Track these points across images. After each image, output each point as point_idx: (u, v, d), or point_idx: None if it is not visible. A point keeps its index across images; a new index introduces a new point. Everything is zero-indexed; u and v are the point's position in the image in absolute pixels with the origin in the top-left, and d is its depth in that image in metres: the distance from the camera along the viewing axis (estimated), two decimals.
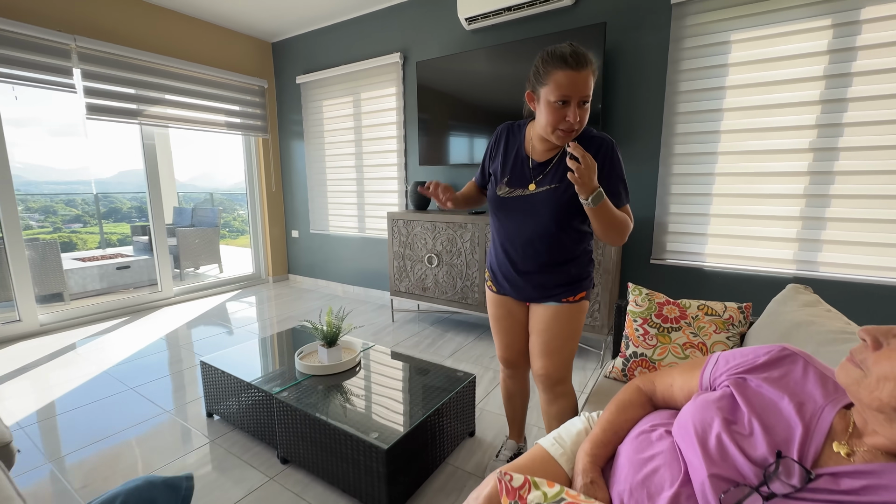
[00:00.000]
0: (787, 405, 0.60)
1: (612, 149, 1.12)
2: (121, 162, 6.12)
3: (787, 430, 0.58)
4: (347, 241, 4.02)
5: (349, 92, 3.69)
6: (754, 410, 0.62)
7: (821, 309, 1.10)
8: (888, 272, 2.00)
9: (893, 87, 1.89)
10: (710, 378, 0.73)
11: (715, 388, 0.71)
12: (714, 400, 0.66)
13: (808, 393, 0.61)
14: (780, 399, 0.61)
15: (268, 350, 2.00)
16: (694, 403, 0.69)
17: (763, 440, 0.58)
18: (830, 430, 0.56)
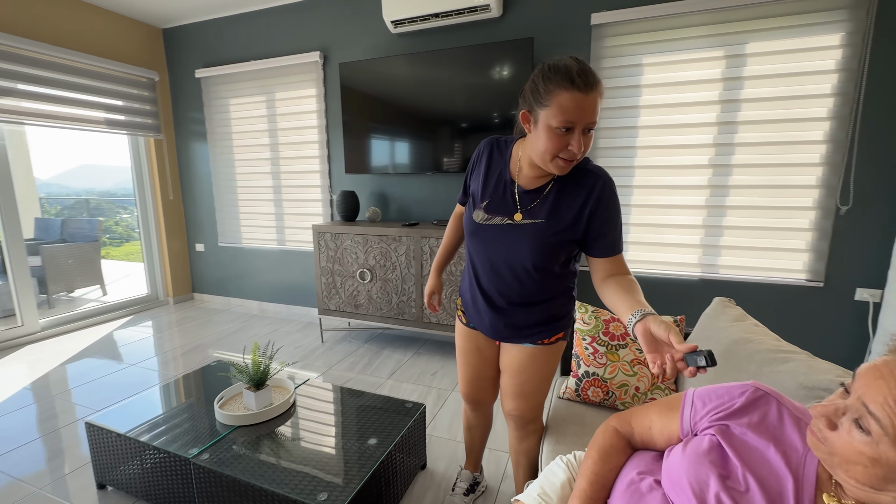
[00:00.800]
0: (773, 455, 0.61)
1: (612, 189, 1.00)
2: None
3: (779, 483, 0.59)
4: (265, 255, 3.65)
5: (261, 91, 3.34)
6: (746, 463, 0.62)
7: (749, 324, 1.20)
8: (773, 273, 2.32)
9: (771, 113, 2.19)
10: (690, 423, 0.73)
11: (696, 433, 0.71)
12: (704, 453, 0.65)
13: (788, 439, 0.63)
14: (767, 448, 0.62)
15: (175, 396, 1.69)
16: (684, 457, 0.67)
17: (760, 496, 0.58)
18: (818, 480, 0.58)
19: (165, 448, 1.35)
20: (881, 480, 0.50)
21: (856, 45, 2.03)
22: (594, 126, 0.89)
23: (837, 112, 2.09)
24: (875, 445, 0.49)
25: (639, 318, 0.77)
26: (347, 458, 1.31)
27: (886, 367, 0.51)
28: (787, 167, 2.21)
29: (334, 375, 2.49)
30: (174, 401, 1.66)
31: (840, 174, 2.13)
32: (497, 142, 1.13)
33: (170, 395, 1.71)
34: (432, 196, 2.97)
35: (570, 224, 1.00)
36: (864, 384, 0.52)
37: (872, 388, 0.50)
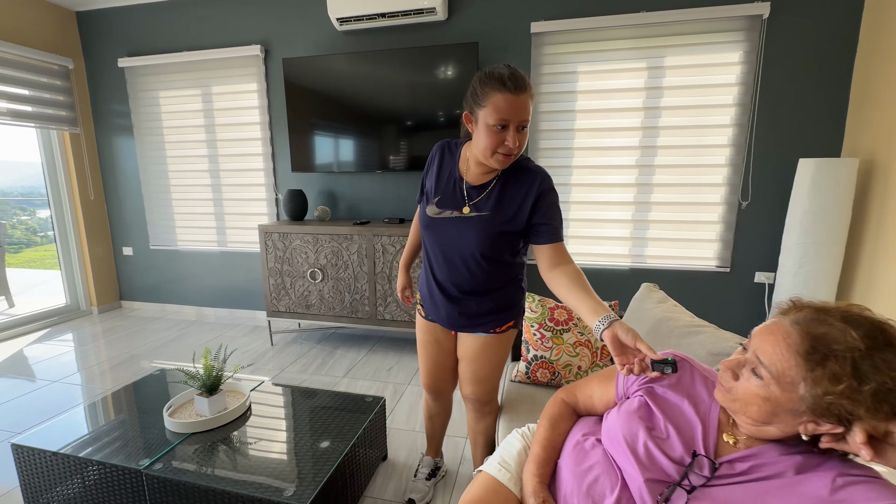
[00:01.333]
0: (687, 407, 0.75)
1: (550, 184, 1.12)
2: None
3: (691, 429, 0.72)
4: (204, 258, 3.46)
5: (196, 84, 3.15)
6: (666, 416, 0.75)
7: (670, 305, 1.38)
8: (690, 261, 2.63)
9: (685, 120, 2.48)
10: (623, 389, 0.86)
11: (629, 396, 0.84)
12: (634, 410, 0.78)
13: (698, 393, 0.77)
14: (682, 402, 0.76)
15: (111, 409, 1.60)
16: (618, 415, 0.80)
17: (678, 441, 0.71)
18: (719, 424, 0.72)
19: (112, 461, 1.28)
20: (770, 415, 0.63)
21: (751, 62, 2.35)
22: (527, 124, 1.02)
23: (738, 120, 2.42)
24: (766, 387, 0.63)
25: (606, 326, 0.85)
26: (310, 455, 1.33)
27: (774, 326, 0.65)
28: (698, 168, 2.51)
29: (287, 378, 2.45)
30: (110, 414, 1.56)
31: (741, 174, 2.46)
32: (448, 144, 1.24)
33: (105, 410, 1.60)
34: (382, 194, 2.99)
35: (512, 216, 1.11)
36: (758, 341, 0.65)
37: (763, 343, 0.64)
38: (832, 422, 0.58)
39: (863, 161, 2.19)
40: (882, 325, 0.57)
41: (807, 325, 0.60)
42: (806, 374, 0.58)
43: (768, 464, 0.64)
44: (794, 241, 2.24)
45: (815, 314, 0.61)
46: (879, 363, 0.54)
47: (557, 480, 0.82)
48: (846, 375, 0.55)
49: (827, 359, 0.56)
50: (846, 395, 0.55)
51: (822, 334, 0.58)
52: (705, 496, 0.65)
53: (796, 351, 0.59)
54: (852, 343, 0.55)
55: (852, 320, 0.58)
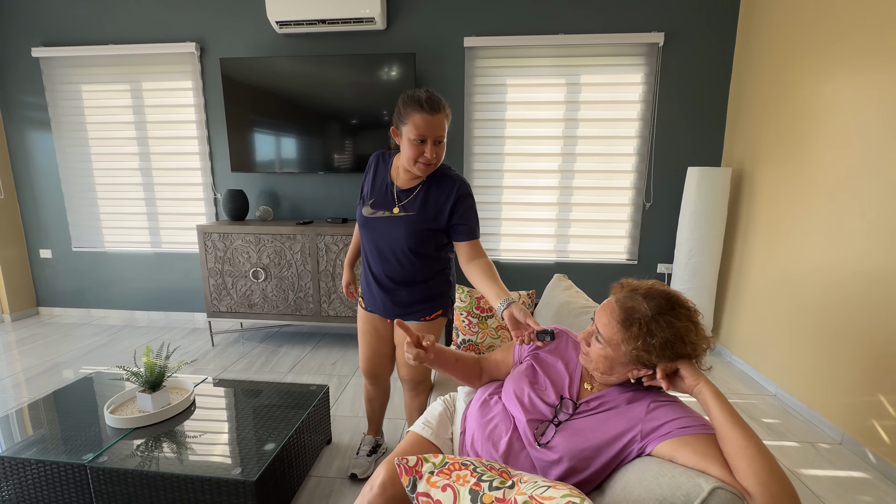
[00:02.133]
0: (560, 366, 0.98)
1: (468, 190, 1.31)
2: None
3: (562, 380, 0.95)
4: (136, 259, 3.33)
5: (124, 79, 3.04)
6: (545, 373, 0.97)
7: (573, 291, 1.64)
8: (605, 255, 2.99)
9: (599, 131, 2.82)
10: (518, 356, 1.08)
11: (522, 362, 1.06)
12: (523, 371, 0.99)
13: (570, 356, 1.00)
14: (556, 362, 0.99)
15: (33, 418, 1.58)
16: (512, 376, 1.01)
17: (552, 390, 0.93)
18: (582, 375, 0.95)
19: (52, 459, 1.31)
20: (610, 368, 0.87)
21: (650, 83, 2.73)
22: (442, 139, 1.22)
23: (641, 132, 2.79)
24: (605, 349, 0.86)
25: (506, 307, 1.06)
26: (255, 440, 1.44)
27: (607, 303, 0.88)
28: (610, 173, 2.87)
29: (231, 376, 2.48)
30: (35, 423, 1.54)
31: (644, 179, 2.85)
32: (383, 154, 1.42)
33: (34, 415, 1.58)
34: (325, 194, 3.07)
35: (434, 216, 1.30)
36: (596, 317, 0.89)
37: (600, 318, 0.88)
38: (644, 368, 0.82)
39: (735, 170, 2.63)
40: (669, 295, 0.82)
41: (623, 301, 0.84)
42: (623, 336, 0.82)
43: (610, 400, 0.88)
44: (685, 237, 2.65)
45: (629, 293, 0.85)
46: (662, 323, 0.79)
47: (467, 430, 1.02)
48: (642, 334, 0.79)
49: (632, 324, 0.80)
50: (644, 349, 0.79)
51: (630, 307, 0.82)
52: (568, 427, 0.87)
53: (618, 321, 0.83)
54: (645, 311, 0.80)
55: (650, 294, 0.82)
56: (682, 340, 0.78)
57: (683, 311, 0.81)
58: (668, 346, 0.78)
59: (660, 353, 0.78)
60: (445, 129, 1.22)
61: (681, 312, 0.80)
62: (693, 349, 0.79)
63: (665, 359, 0.79)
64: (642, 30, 2.67)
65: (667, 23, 2.66)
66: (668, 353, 0.78)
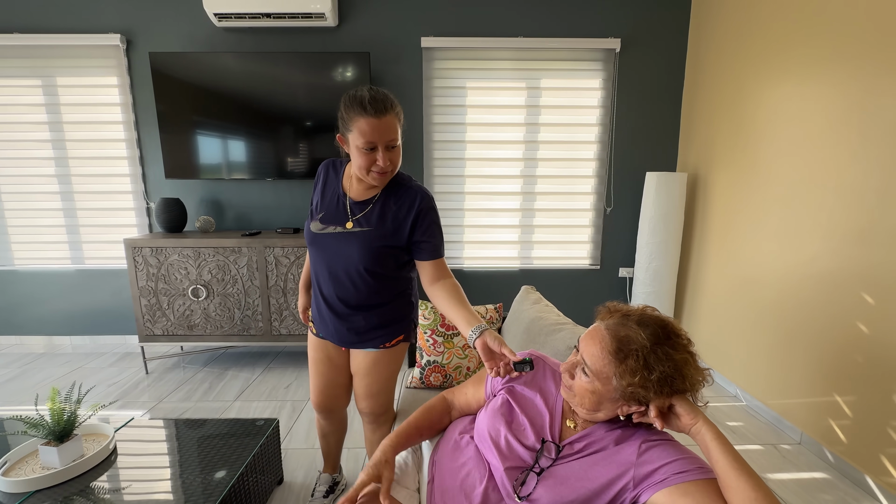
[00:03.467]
0: (539, 400, 0.87)
1: (431, 204, 1.16)
2: None
3: (541, 418, 0.85)
4: (54, 278, 2.93)
5: (34, 73, 2.66)
6: (523, 410, 0.86)
7: (542, 305, 1.56)
8: (569, 260, 2.96)
9: (559, 136, 2.79)
10: (490, 389, 0.96)
11: (496, 394, 0.95)
12: (498, 408, 0.88)
13: (548, 387, 0.90)
14: (535, 396, 0.88)
15: None
16: (486, 413, 0.89)
17: (531, 431, 0.83)
18: (563, 411, 0.85)
19: None
20: (598, 404, 0.77)
21: (608, 88, 2.74)
22: (395, 143, 1.06)
23: (600, 137, 2.79)
24: (592, 383, 0.76)
25: (478, 335, 0.94)
26: (191, 492, 1.23)
27: (594, 331, 0.79)
28: (571, 178, 2.85)
29: (167, 409, 2.20)
30: None
31: (605, 184, 2.85)
32: (333, 163, 1.26)
33: None
34: (275, 202, 2.84)
35: (392, 231, 1.15)
36: (582, 346, 0.79)
37: (587, 347, 0.78)
38: (636, 404, 0.73)
39: (690, 175, 2.69)
40: (664, 323, 0.74)
41: (614, 329, 0.75)
42: (615, 369, 0.72)
43: (597, 440, 0.78)
44: (645, 242, 2.67)
45: (620, 319, 0.76)
46: (661, 355, 0.70)
47: (437, 478, 0.89)
48: (640, 368, 0.70)
49: (628, 356, 0.71)
50: (641, 385, 0.70)
51: (624, 336, 0.73)
52: (551, 475, 0.77)
53: (609, 351, 0.73)
54: (642, 342, 0.71)
55: (644, 322, 0.74)
56: (681, 374, 0.70)
57: (680, 340, 0.72)
58: (667, 382, 0.69)
59: (657, 389, 0.69)
60: (398, 131, 1.06)
61: (678, 343, 0.72)
62: (690, 384, 0.71)
63: (662, 395, 0.70)
64: (600, 35, 2.67)
65: (623, 29, 2.67)
66: (665, 388, 0.70)
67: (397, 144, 1.07)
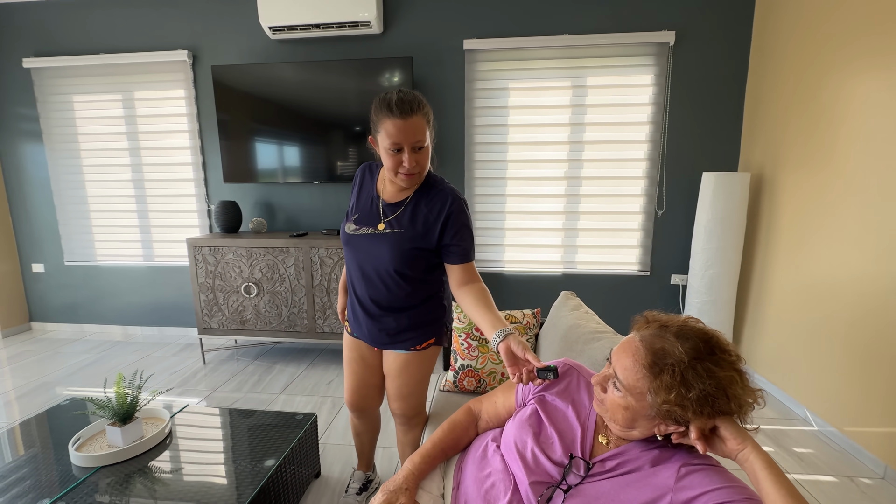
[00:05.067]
0: (570, 413, 0.83)
1: (462, 206, 1.14)
2: None
3: (572, 432, 0.80)
4: (129, 273, 3.23)
5: (116, 88, 2.96)
6: (552, 422, 0.82)
7: (581, 312, 1.49)
8: (615, 266, 2.82)
9: (607, 136, 2.67)
10: (522, 396, 0.93)
11: (526, 404, 0.91)
12: (526, 419, 0.84)
13: (581, 399, 0.85)
14: (566, 408, 0.84)
15: (10, 447, 1.47)
16: (513, 424, 0.86)
17: (559, 445, 0.79)
18: (596, 426, 0.80)
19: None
20: (632, 421, 0.72)
21: (661, 84, 2.58)
22: (422, 144, 1.06)
23: (651, 136, 2.64)
24: (625, 398, 0.71)
25: (502, 339, 0.93)
26: (234, 478, 1.30)
27: (627, 343, 0.74)
28: (619, 180, 2.72)
29: (220, 398, 2.35)
30: (10, 453, 1.44)
31: (656, 185, 2.69)
32: (370, 166, 1.29)
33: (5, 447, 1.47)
34: (322, 205, 2.96)
35: (423, 233, 1.15)
36: (615, 358, 0.74)
37: (618, 360, 0.73)
38: (674, 423, 0.67)
39: (753, 175, 2.47)
40: (708, 336, 0.67)
41: (650, 341, 0.69)
42: (650, 384, 0.67)
43: (631, 460, 0.73)
44: (701, 247, 2.48)
45: (657, 330, 0.70)
46: (701, 371, 0.64)
47: (461, 486, 0.88)
48: (676, 385, 0.64)
49: (663, 371, 0.65)
50: (677, 403, 0.64)
51: (659, 349, 0.67)
52: (579, 493, 0.72)
53: (643, 364, 0.68)
54: (679, 356, 0.65)
55: (683, 334, 0.67)
56: (725, 394, 0.63)
57: (726, 356, 0.66)
58: (708, 401, 0.63)
59: (696, 409, 0.63)
60: (426, 133, 1.06)
61: (723, 358, 0.65)
62: (737, 405, 0.64)
63: (702, 415, 0.64)
64: (652, 28, 2.52)
65: (678, 20, 2.51)
66: (706, 408, 0.63)
67: (424, 146, 1.07)
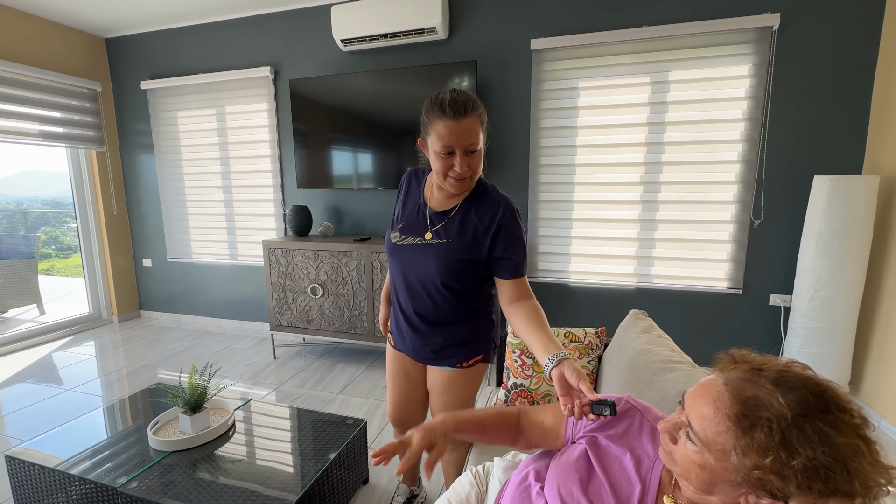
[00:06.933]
0: (628, 462, 0.70)
1: (514, 217, 1.06)
2: None
3: (629, 487, 0.68)
4: (216, 270, 3.57)
5: (211, 104, 3.29)
6: (605, 470, 0.70)
7: (653, 335, 1.31)
8: (699, 281, 2.51)
9: (692, 136, 2.39)
10: (572, 431, 0.81)
11: (575, 441, 0.80)
12: (574, 461, 0.73)
13: (643, 447, 0.72)
14: (623, 456, 0.71)
15: (107, 425, 1.65)
16: (559, 465, 0.75)
17: (612, 500, 0.67)
18: (661, 484, 0.67)
19: (92, 478, 1.32)
20: (709, 484, 0.58)
21: (761, 75, 2.25)
22: (475, 147, 0.99)
23: (748, 135, 2.31)
24: (701, 454, 0.58)
25: (555, 364, 0.83)
26: (283, 477, 1.33)
27: (707, 386, 0.60)
28: (707, 184, 2.41)
29: (285, 392, 2.48)
30: (109, 428, 1.62)
31: (752, 191, 2.34)
32: (416, 172, 1.24)
33: (105, 422, 1.66)
34: (386, 211, 3.01)
35: (471, 244, 1.07)
36: (690, 402, 0.61)
37: (694, 405, 0.60)
38: (768, 496, 0.53)
39: (885, 178, 2.04)
40: (820, 389, 0.52)
41: (738, 386, 0.55)
42: (736, 441, 0.53)
43: None
44: (810, 263, 2.10)
45: (749, 373, 0.56)
46: (810, 433, 0.49)
47: None
48: (773, 447, 0.49)
49: (755, 427, 0.51)
50: (774, 470, 0.50)
51: (752, 397, 0.53)
52: None
53: (726, 415, 0.54)
54: (780, 409, 0.50)
55: (786, 381, 0.53)
56: (846, 468, 0.47)
57: (846, 416, 0.50)
58: (820, 475, 0.48)
59: (802, 483, 0.48)
60: (479, 136, 0.99)
61: (842, 419, 0.49)
62: (863, 485, 0.48)
63: (811, 492, 0.49)
64: (750, 12, 2.21)
65: (782, 1, 2.17)
66: (817, 484, 0.48)
67: (478, 149, 1.00)
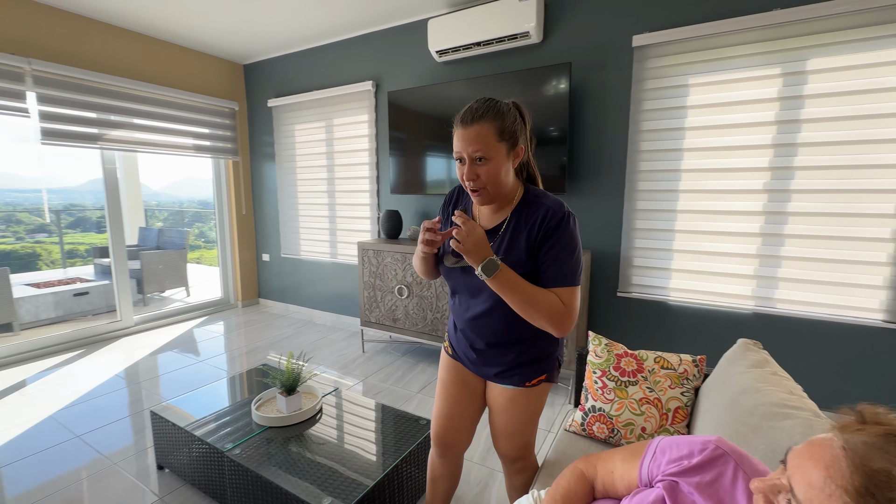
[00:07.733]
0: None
1: (561, 219, 0.98)
2: (90, 170, 5.89)
3: None
4: (319, 267, 3.95)
5: (321, 117, 3.66)
6: None
7: (767, 371, 1.11)
8: (842, 310, 2.07)
9: (839, 134, 1.99)
10: (648, 472, 0.73)
11: (652, 483, 0.71)
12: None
13: (736, 499, 0.61)
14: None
15: (227, 395, 1.92)
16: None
17: None
18: None
19: (207, 440, 1.55)
20: None
21: None
22: (482, 155, 0.96)
23: None
24: None
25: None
26: (362, 463, 1.42)
27: (820, 446, 0.49)
28: (858, 193, 1.98)
29: (369, 385, 2.64)
30: (227, 398, 1.88)
31: None
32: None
33: (224, 393, 1.94)
34: None
35: (525, 256, 1.00)
36: (794, 464, 0.50)
37: (799, 468, 0.49)
38: None
39: None
40: None
41: (864, 455, 0.44)
42: None
43: None
44: None
45: (881, 439, 0.44)
46: None
47: None
48: None
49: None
50: None
51: (882, 471, 0.42)
52: None
53: (843, 488, 0.44)
54: None
55: None
56: None
57: None
58: None
59: None
60: (489, 144, 0.96)
61: None
62: None
63: None
64: None
65: None
66: None
67: (488, 157, 0.96)
